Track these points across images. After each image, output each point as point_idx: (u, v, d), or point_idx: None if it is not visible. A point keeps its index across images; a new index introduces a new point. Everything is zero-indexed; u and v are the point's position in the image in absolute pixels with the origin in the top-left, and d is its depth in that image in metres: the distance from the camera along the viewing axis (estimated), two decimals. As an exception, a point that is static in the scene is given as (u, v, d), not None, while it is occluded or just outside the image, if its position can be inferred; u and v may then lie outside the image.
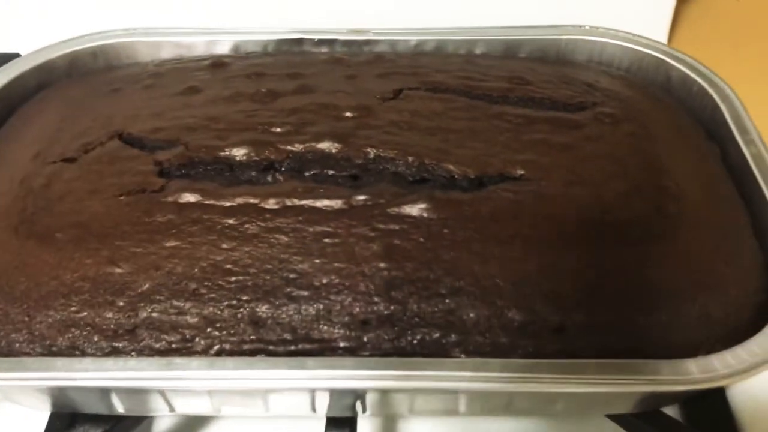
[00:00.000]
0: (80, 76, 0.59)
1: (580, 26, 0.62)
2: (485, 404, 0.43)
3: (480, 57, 0.59)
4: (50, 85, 0.59)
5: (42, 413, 0.46)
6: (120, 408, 0.44)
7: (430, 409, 0.45)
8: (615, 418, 0.46)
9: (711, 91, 0.55)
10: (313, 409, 0.43)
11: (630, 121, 0.51)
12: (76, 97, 0.55)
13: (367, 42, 0.61)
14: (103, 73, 0.59)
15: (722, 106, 0.54)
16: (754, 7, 0.86)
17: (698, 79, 0.57)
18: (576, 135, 0.49)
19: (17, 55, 0.71)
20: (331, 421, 0.45)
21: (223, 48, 0.62)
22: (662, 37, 0.78)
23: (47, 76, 0.60)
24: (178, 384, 0.39)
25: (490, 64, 0.57)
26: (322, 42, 0.61)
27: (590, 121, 0.50)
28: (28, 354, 0.41)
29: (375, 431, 0.48)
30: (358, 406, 0.43)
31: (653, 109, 0.54)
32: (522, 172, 0.46)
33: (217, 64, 0.56)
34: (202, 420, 0.48)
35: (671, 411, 0.48)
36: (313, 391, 0.41)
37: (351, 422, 0.45)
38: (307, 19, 0.65)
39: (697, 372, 0.38)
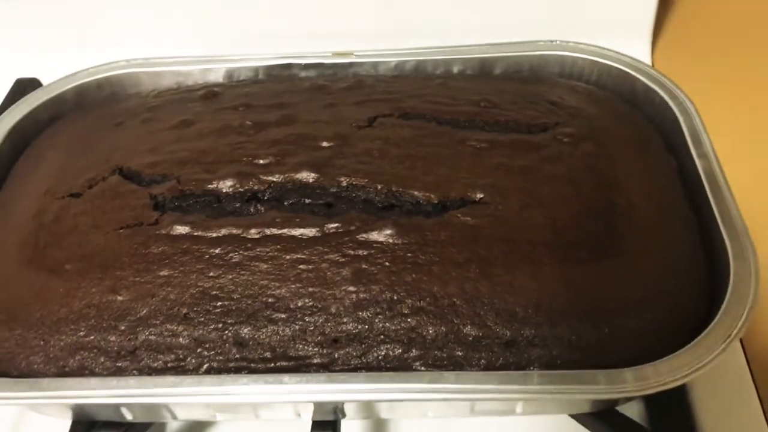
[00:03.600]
0: (87, 108, 0.64)
1: (551, 41, 0.65)
2: (449, 409, 0.48)
3: (455, 78, 0.63)
4: (60, 117, 0.64)
5: (65, 421, 0.52)
6: (129, 416, 0.49)
7: (402, 413, 0.50)
8: (575, 416, 0.51)
9: (671, 103, 0.58)
10: (298, 415, 0.49)
11: (588, 140, 0.54)
12: (82, 131, 0.60)
13: (351, 64, 0.65)
14: (107, 105, 0.64)
15: (680, 119, 0.57)
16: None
17: (660, 91, 0.59)
18: (535, 157, 0.52)
19: (36, 80, 0.77)
20: (316, 425, 0.50)
21: (217, 75, 0.66)
22: (645, 38, 0.80)
23: (58, 108, 0.65)
24: (172, 399, 0.44)
25: (462, 86, 0.60)
26: (309, 66, 0.65)
27: (550, 141, 0.54)
28: (44, 374, 0.47)
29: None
30: (338, 412, 0.48)
31: (614, 125, 0.57)
32: (481, 196, 0.50)
33: (208, 95, 0.61)
34: (202, 425, 0.54)
35: (635, 408, 0.52)
36: (293, 403, 0.46)
37: (334, 425, 0.50)
38: (295, 44, 0.69)
39: (631, 381, 0.42)
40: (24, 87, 0.77)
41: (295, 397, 0.43)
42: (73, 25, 0.82)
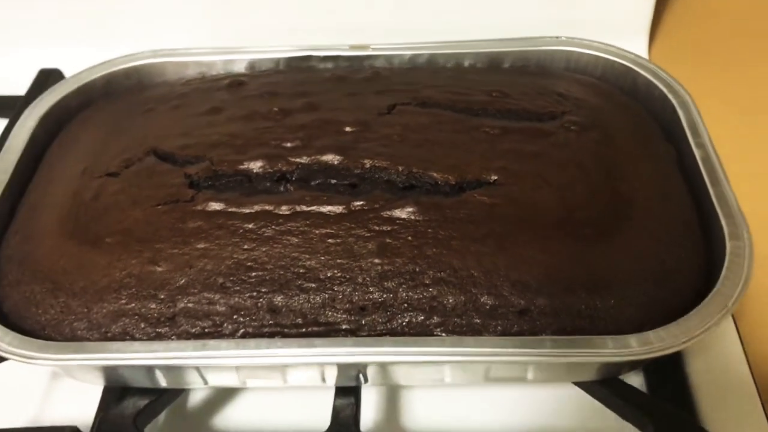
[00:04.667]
0: (116, 95, 0.67)
1: (557, 37, 0.69)
2: (466, 374, 0.52)
3: (467, 70, 0.67)
4: (90, 104, 0.67)
5: (96, 388, 0.55)
6: (163, 382, 0.52)
7: (420, 378, 0.54)
8: (580, 384, 0.54)
9: (670, 96, 0.62)
10: (323, 380, 0.52)
11: (594, 129, 0.58)
12: (114, 116, 0.63)
13: (367, 57, 0.69)
14: (136, 92, 0.67)
15: (679, 111, 0.61)
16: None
17: (659, 84, 0.63)
18: (544, 143, 0.56)
19: (58, 71, 0.81)
20: (339, 390, 0.53)
21: (239, 66, 0.69)
22: (643, 35, 0.84)
23: (87, 96, 0.68)
24: (211, 362, 0.47)
25: (475, 78, 0.64)
26: (327, 58, 0.69)
27: (558, 129, 0.57)
28: (88, 339, 0.50)
29: (379, 401, 0.57)
30: (361, 377, 0.52)
31: (617, 116, 0.61)
32: (496, 177, 0.53)
33: (234, 83, 0.64)
34: (229, 393, 0.57)
35: (636, 379, 0.56)
36: (321, 365, 0.49)
37: (356, 390, 0.53)
38: (313, 36, 0.72)
39: (636, 345, 0.46)
40: (47, 77, 0.81)
41: (326, 359, 0.47)
42: (92, 18, 0.85)
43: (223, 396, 0.57)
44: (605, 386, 0.53)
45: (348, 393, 0.53)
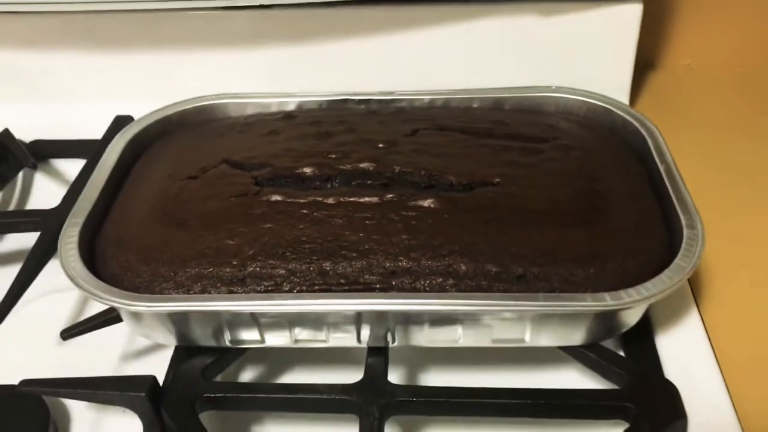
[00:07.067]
0: (189, 126, 0.83)
1: (549, 86, 0.84)
2: (475, 334, 0.63)
3: (474, 109, 0.82)
4: (168, 133, 0.83)
5: (165, 353, 0.67)
6: (227, 341, 0.64)
7: (438, 339, 0.65)
8: (567, 350, 0.65)
9: (642, 130, 0.76)
10: (359, 341, 0.64)
11: (578, 149, 0.72)
12: (190, 138, 0.78)
13: (393, 100, 0.84)
14: (206, 124, 0.82)
15: (649, 141, 0.75)
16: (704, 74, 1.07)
17: (633, 121, 0.77)
18: (537, 158, 0.70)
19: (131, 117, 0.96)
20: (371, 350, 0.65)
21: (290, 106, 0.85)
22: (624, 96, 1.00)
23: (165, 127, 0.83)
24: (274, 308, 0.60)
25: (481, 113, 0.79)
26: (361, 101, 0.84)
27: (549, 149, 0.72)
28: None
29: (403, 361, 0.68)
30: (389, 337, 0.64)
31: (598, 141, 0.75)
32: (498, 180, 0.67)
33: (288, 116, 0.80)
34: (279, 355, 0.69)
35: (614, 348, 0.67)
36: (359, 320, 0.62)
37: (385, 351, 0.65)
38: (350, 84, 0.88)
39: (610, 299, 0.58)
40: (121, 122, 0.95)
41: (364, 307, 0.60)
42: (161, 75, 1.01)
43: (275, 357, 0.69)
44: (589, 350, 0.65)
45: (378, 353, 0.65)
